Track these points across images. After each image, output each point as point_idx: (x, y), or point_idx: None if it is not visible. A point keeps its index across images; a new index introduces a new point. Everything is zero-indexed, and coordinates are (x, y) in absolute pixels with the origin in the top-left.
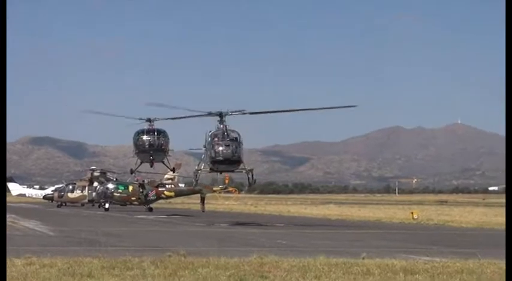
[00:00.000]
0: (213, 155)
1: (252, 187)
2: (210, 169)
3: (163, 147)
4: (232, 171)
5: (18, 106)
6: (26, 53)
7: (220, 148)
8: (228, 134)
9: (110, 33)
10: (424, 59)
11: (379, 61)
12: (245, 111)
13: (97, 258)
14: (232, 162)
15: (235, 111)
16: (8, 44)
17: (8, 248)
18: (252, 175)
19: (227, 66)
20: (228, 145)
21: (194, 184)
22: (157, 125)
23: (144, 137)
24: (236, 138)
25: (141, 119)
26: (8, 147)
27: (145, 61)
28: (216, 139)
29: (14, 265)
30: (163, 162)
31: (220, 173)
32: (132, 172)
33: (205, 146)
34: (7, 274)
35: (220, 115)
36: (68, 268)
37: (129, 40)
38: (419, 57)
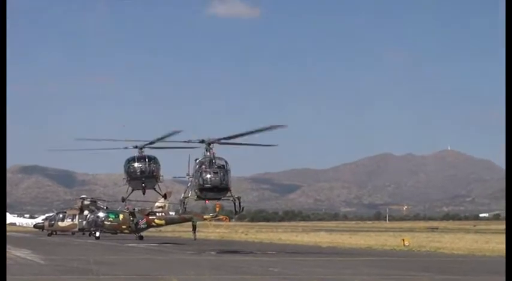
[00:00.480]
0: (200, 182)
1: (240, 214)
2: (198, 196)
3: (154, 173)
4: (220, 199)
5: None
6: (15, 83)
7: (208, 176)
8: (215, 162)
9: (95, 66)
10: (413, 85)
11: (368, 88)
12: (224, 140)
13: None
14: (220, 189)
15: (221, 139)
16: None
17: None
18: (240, 203)
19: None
20: (216, 172)
21: (182, 211)
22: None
23: (136, 164)
24: (223, 165)
25: (126, 148)
26: None
27: (131, 91)
28: (203, 167)
29: None
30: (154, 189)
31: (207, 202)
32: (123, 200)
33: (188, 174)
34: None
35: (207, 143)
36: None
37: (114, 71)
38: (408, 83)
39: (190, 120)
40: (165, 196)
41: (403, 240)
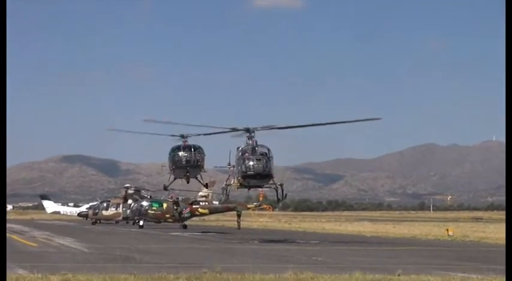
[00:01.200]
0: (243, 169)
1: (284, 204)
2: (240, 184)
3: (199, 163)
4: (263, 186)
5: (48, 124)
6: (56, 72)
7: (251, 163)
8: (257, 149)
9: (138, 53)
10: (458, 76)
11: (412, 77)
12: (273, 127)
13: (132, 275)
14: (263, 177)
15: (264, 127)
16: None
17: (44, 265)
18: (282, 190)
19: (255, 82)
20: (259, 159)
21: (224, 199)
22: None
23: (181, 153)
24: (266, 153)
25: (173, 135)
26: (40, 165)
27: (173, 79)
28: (246, 154)
29: None
30: (196, 178)
31: (249, 189)
32: (165, 188)
33: (229, 164)
34: None
35: (249, 130)
36: None
37: (157, 59)
38: (453, 74)
39: (235, 108)
40: (206, 186)
41: (447, 230)
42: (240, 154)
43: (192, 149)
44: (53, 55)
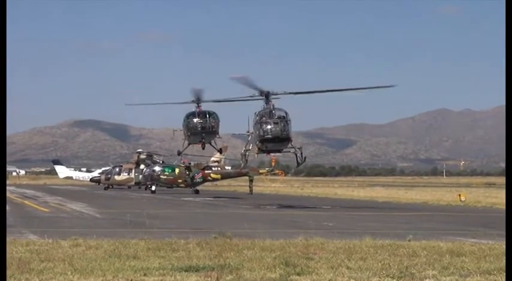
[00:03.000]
0: (261, 133)
1: (296, 169)
2: (259, 148)
3: (214, 129)
4: (282, 150)
5: (58, 89)
6: (67, 38)
7: (269, 126)
8: (275, 113)
9: (153, 22)
10: (471, 40)
11: (426, 43)
12: (288, 92)
13: (143, 240)
14: (281, 140)
15: (279, 93)
16: (50, 30)
17: (55, 230)
18: (301, 153)
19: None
20: (277, 123)
21: (243, 164)
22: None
23: (196, 120)
24: (284, 116)
25: (186, 102)
26: (52, 130)
27: (187, 46)
28: (263, 118)
29: (61, 246)
30: (210, 143)
31: (268, 154)
32: (179, 153)
33: (248, 131)
34: (55, 255)
35: (266, 95)
36: (114, 250)
37: (172, 26)
38: (466, 38)
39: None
40: (220, 151)
41: (460, 195)
42: (258, 118)
43: (207, 115)
44: (65, 22)
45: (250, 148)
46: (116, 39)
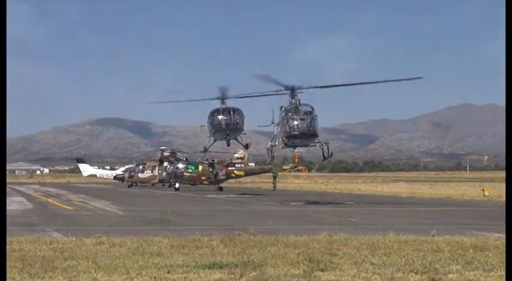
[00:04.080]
0: (287, 129)
1: (320, 165)
2: (285, 144)
3: (239, 126)
4: (308, 145)
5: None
6: (93, 39)
7: (295, 122)
8: (301, 108)
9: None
10: (495, 34)
11: (449, 37)
12: (313, 86)
13: (167, 237)
14: (308, 136)
15: (304, 87)
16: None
17: (79, 228)
18: (328, 148)
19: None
20: (303, 119)
21: (269, 160)
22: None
23: (220, 117)
24: (310, 111)
25: (211, 99)
26: (75, 129)
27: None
28: (289, 114)
29: (84, 244)
30: (236, 139)
31: (295, 148)
32: (205, 150)
33: (273, 122)
34: (79, 253)
35: (292, 90)
36: (138, 247)
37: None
38: (490, 32)
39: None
40: (246, 146)
41: (483, 190)
42: (284, 113)
43: (232, 112)
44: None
45: (276, 143)
46: (137, 39)
